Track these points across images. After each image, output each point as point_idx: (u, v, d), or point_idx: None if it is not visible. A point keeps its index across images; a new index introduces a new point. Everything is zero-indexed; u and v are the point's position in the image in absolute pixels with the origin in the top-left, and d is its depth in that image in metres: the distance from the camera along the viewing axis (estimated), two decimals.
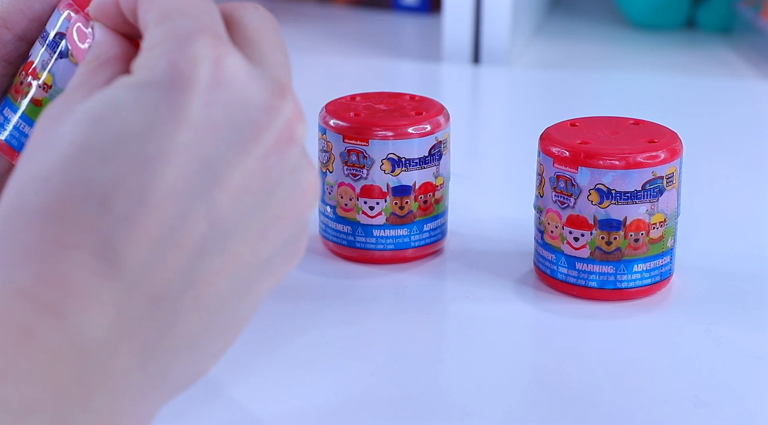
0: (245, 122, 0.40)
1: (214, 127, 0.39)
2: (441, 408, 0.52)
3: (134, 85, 0.40)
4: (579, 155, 0.59)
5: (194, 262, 0.39)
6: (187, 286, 0.39)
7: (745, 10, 1.09)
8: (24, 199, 0.39)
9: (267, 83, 0.41)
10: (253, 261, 0.41)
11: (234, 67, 0.40)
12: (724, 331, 0.59)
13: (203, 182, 0.39)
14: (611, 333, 0.59)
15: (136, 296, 0.38)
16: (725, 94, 0.99)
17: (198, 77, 0.40)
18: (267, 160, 0.41)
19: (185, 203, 0.39)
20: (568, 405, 0.53)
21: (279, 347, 0.57)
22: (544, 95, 1.01)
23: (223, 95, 0.40)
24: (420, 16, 1.21)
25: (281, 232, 0.42)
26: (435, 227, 0.66)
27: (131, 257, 0.38)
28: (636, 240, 0.60)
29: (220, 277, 0.40)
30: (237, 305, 0.41)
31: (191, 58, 0.40)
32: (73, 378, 0.36)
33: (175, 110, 0.39)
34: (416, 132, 0.64)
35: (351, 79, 1.03)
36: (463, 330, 0.60)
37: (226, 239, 0.40)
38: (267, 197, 0.41)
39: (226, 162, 0.40)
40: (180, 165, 0.39)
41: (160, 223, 0.38)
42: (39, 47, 0.50)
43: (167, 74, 0.40)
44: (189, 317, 0.39)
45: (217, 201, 0.39)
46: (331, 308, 0.61)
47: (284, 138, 0.41)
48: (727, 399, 0.53)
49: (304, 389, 0.54)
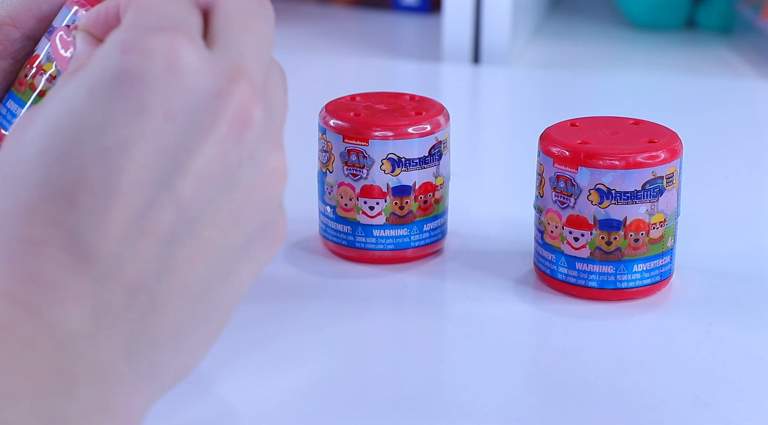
0: (200, 109, 0.40)
1: (170, 115, 0.40)
2: (441, 408, 0.52)
3: (86, 79, 0.40)
4: (579, 155, 0.59)
5: (165, 250, 0.40)
6: (162, 274, 0.39)
7: (745, 10, 1.09)
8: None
9: (221, 68, 0.41)
10: (227, 246, 0.41)
11: (187, 56, 0.40)
12: (724, 331, 0.59)
13: (165, 171, 0.40)
14: (611, 333, 0.59)
15: (110, 287, 0.38)
16: (725, 94, 0.99)
17: (151, 68, 0.40)
18: (224, 145, 0.41)
19: (149, 191, 0.39)
20: (568, 405, 0.53)
21: (278, 346, 0.57)
22: (544, 95, 1.01)
23: (177, 84, 0.40)
24: (420, 16, 1.20)
25: (252, 216, 0.42)
26: (435, 227, 0.66)
27: (101, 249, 0.38)
28: (636, 240, 0.60)
29: (194, 264, 0.40)
30: (217, 292, 0.42)
31: (143, 49, 0.40)
32: (52, 368, 0.36)
33: (129, 101, 0.39)
34: (416, 132, 0.64)
35: (351, 79, 1.03)
36: (463, 330, 0.60)
37: (195, 225, 0.40)
38: (230, 181, 0.41)
39: (185, 149, 0.40)
40: (139, 155, 0.39)
41: (126, 213, 0.39)
42: (45, 42, 0.51)
43: (119, 66, 0.40)
44: (168, 305, 0.40)
45: (180, 188, 0.40)
46: (331, 308, 0.61)
47: (239, 122, 0.41)
48: (727, 399, 0.53)
49: (304, 388, 0.54)
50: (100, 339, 0.38)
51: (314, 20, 1.18)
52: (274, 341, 0.58)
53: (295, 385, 0.54)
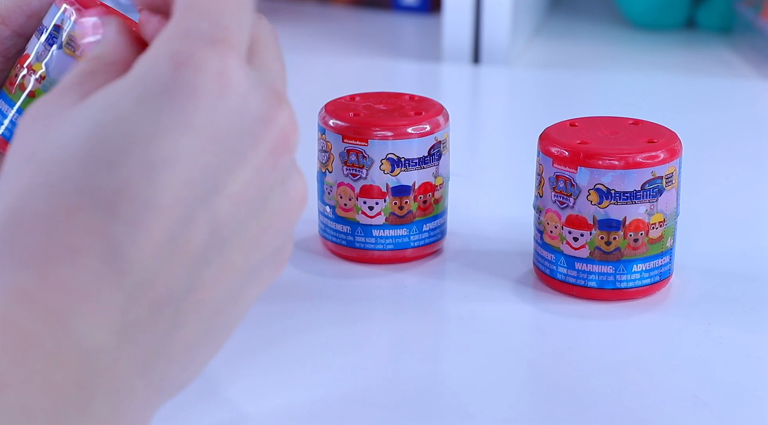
0: (244, 131, 0.41)
1: (216, 135, 0.40)
2: (441, 408, 0.52)
3: (135, 88, 0.40)
4: (578, 155, 0.59)
5: (195, 268, 0.40)
6: (188, 292, 0.39)
7: (745, 10, 1.09)
8: (28, 203, 0.39)
9: (265, 93, 0.41)
10: (246, 268, 0.42)
11: (235, 78, 0.40)
12: (723, 331, 0.59)
13: (206, 189, 0.40)
14: (610, 333, 0.59)
15: (139, 302, 0.38)
16: (725, 94, 0.99)
17: (202, 86, 0.40)
18: (262, 169, 0.41)
19: (189, 209, 0.39)
20: (568, 405, 0.53)
21: (278, 346, 0.57)
22: (543, 95, 1.01)
23: (224, 105, 0.40)
24: (420, 16, 1.21)
25: (270, 241, 0.42)
26: (434, 227, 0.66)
27: (136, 262, 0.38)
28: (635, 240, 0.60)
29: (216, 284, 0.40)
30: (229, 312, 0.42)
31: (196, 65, 0.40)
32: (72, 382, 0.36)
33: (179, 117, 0.39)
34: (416, 132, 0.64)
35: (351, 79, 1.03)
36: (463, 330, 0.60)
37: (225, 246, 0.40)
38: (261, 205, 0.41)
39: (226, 170, 0.40)
40: (183, 172, 0.39)
41: (165, 228, 0.39)
42: (35, 41, 0.50)
43: (171, 80, 0.40)
44: (187, 323, 0.40)
45: (217, 208, 0.40)
46: (330, 308, 0.61)
47: (279, 148, 0.42)
48: (727, 399, 0.53)
49: (303, 389, 0.54)
50: (122, 352, 0.37)
51: (314, 20, 1.18)
52: (273, 341, 0.57)
53: (295, 385, 0.54)
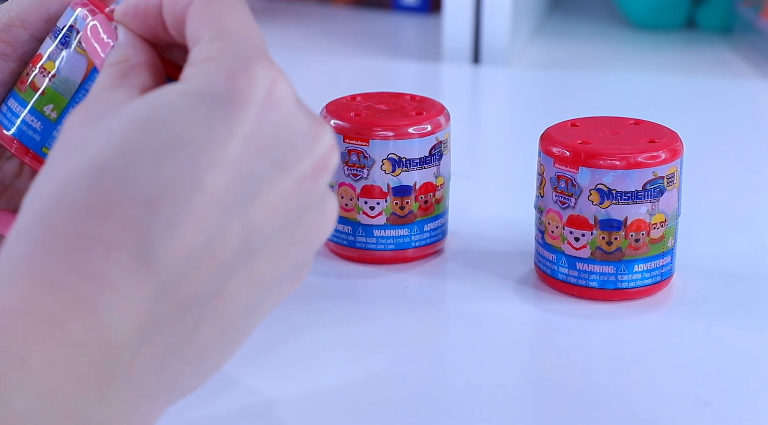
0: (290, 145, 0.41)
1: (262, 145, 0.41)
2: (442, 407, 0.52)
3: (191, 93, 0.41)
4: (580, 155, 0.59)
5: (223, 274, 0.40)
6: (211, 297, 0.40)
7: (745, 10, 1.09)
8: (68, 191, 0.39)
9: (310, 113, 0.43)
10: (269, 279, 0.42)
11: (285, 92, 0.42)
12: (724, 331, 0.59)
13: (244, 197, 0.40)
14: (612, 333, 0.59)
15: (165, 302, 0.38)
16: (725, 94, 0.99)
17: (255, 96, 0.41)
18: (303, 184, 0.42)
19: (226, 215, 0.39)
20: (569, 405, 0.53)
21: (279, 347, 0.57)
22: (544, 95, 1.01)
23: (273, 116, 0.41)
24: (420, 16, 1.20)
25: (297, 255, 0.43)
26: (435, 228, 0.66)
27: (168, 262, 0.38)
28: (636, 240, 0.60)
29: (240, 292, 0.41)
30: (247, 320, 0.42)
31: (250, 76, 0.41)
32: (93, 371, 0.36)
33: (229, 123, 0.40)
34: (417, 132, 0.63)
35: (351, 79, 1.03)
36: (464, 330, 0.60)
37: (254, 255, 0.41)
38: (296, 219, 0.42)
39: (266, 180, 0.41)
40: (226, 178, 0.40)
41: (200, 232, 0.39)
42: (49, 42, 0.51)
43: (226, 88, 0.41)
44: (206, 328, 0.40)
45: (253, 217, 0.40)
46: (332, 309, 0.61)
47: (321, 166, 0.42)
48: (728, 399, 0.53)
49: (304, 389, 0.54)
50: (142, 349, 0.38)
51: (314, 20, 1.18)
52: (274, 341, 0.57)
53: (296, 385, 0.54)
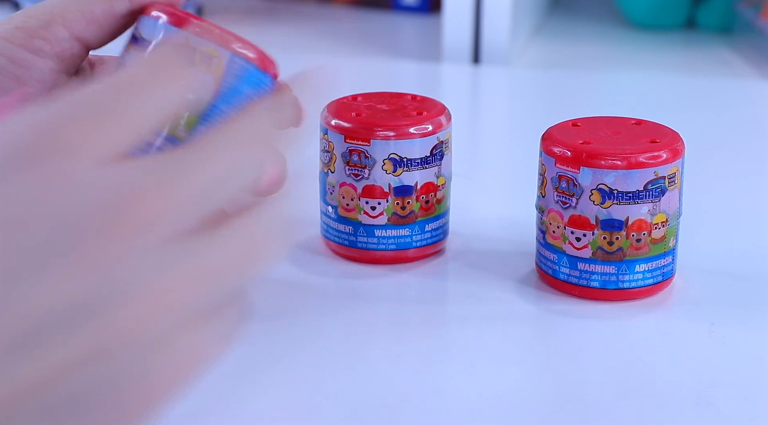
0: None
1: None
2: (443, 409, 0.52)
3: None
4: (581, 155, 0.59)
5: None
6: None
7: (745, 10, 1.09)
8: None
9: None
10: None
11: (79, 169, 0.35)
12: (726, 331, 0.59)
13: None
14: (613, 333, 0.59)
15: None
16: (725, 94, 0.99)
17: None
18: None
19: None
20: (571, 405, 0.53)
21: (279, 347, 0.57)
22: (544, 95, 1.01)
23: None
24: (420, 16, 1.21)
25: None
26: (436, 228, 0.66)
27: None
28: (638, 240, 0.59)
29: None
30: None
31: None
32: None
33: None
34: (418, 132, 0.63)
35: (351, 79, 1.03)
36: (465, 331, 0.60)
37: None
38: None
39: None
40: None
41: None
42: (132, 54, 0.49)
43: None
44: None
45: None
46: (333, 308, 0.61)
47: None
48: (730, 399, 0.53)
49: (304, 389, 0.54)
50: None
51: (314, 20, 1.18)
52: (274, 342, 0.57)
53: (297, 385, 0.54)
